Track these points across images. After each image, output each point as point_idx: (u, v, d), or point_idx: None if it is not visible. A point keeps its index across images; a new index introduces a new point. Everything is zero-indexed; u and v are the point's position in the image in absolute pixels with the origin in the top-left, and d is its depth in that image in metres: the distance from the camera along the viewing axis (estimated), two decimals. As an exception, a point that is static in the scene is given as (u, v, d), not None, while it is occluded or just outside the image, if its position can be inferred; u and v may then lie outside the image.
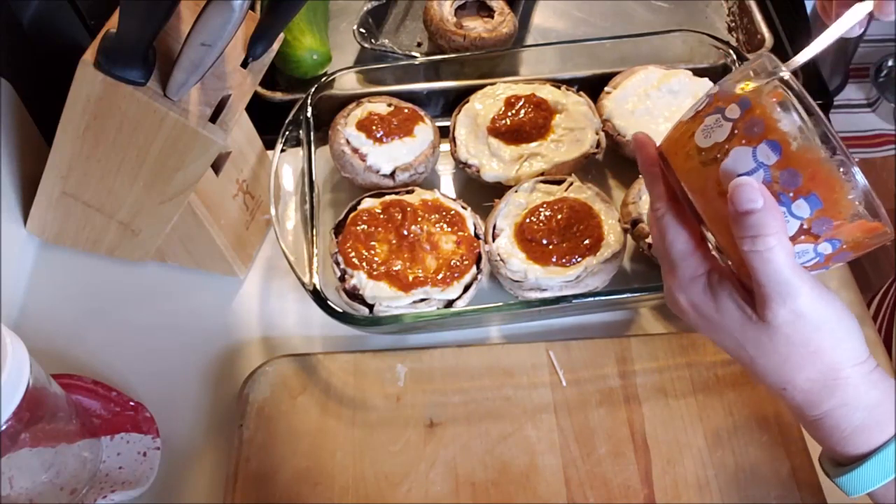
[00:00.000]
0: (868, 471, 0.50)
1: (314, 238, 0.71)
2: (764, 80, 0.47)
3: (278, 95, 0.87)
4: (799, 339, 0.48)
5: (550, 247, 0.70)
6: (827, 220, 0.46)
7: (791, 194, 0.45)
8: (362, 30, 0.93)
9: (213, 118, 0.61)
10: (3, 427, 0.51)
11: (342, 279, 0.70)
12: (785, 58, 0.53)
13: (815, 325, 0.48)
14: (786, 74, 0.47)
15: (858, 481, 0.50)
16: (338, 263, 0.71)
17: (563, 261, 0.70)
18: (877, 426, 0.50)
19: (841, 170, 0.45)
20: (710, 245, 0.52)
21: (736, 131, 0.46)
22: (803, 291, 0.46)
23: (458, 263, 0.70)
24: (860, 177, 0.44)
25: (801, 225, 0.46)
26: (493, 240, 0.72)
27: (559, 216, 0.72)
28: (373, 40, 0.94)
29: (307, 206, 0.73)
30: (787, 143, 0.45)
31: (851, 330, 0.49)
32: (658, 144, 0.52)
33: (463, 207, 0.74)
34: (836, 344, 0.49)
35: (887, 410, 0.50)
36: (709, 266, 0.51)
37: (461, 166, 0.79)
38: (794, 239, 0.46)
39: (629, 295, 0.69)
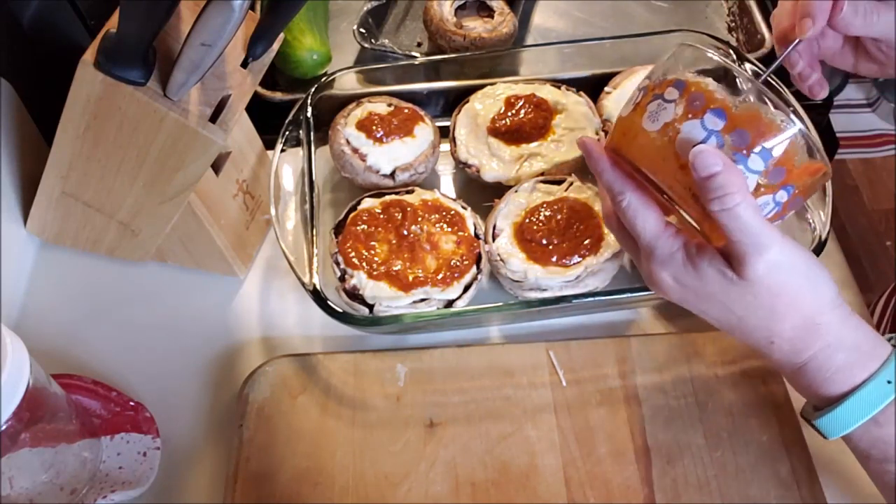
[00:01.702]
0: (848, 409, 0.52)
1: (314, 238, 0.71)
2: (690, 61, 0.52)
3: (278, 95, 0.87)
4: (780, 288, 0.50)
5: (550, 247, 0.70)
6: (780, 169, 0.49)
7: (744, 152, 0.49)
8: (362, 30, 0.93)
9: (213, 118, 0.61)
10: (3, 427, 0.51)
11: (342, 279, 0.70)
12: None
13: (792, 271, 0.50)
14: (711, 52, 0.52)
15: (838, 421, 0.52)
16: (338, 263, 0.71)
17: (564, 261, 0.70)
18: (857, 365, 0.52)
19: (780, 119, 0.49)
20: (683, 219, 0.54)
21: (680, 109, 0.50)
22: (775, 241, 0.49)
23: (458, 263, 0.70)
24: (797, 121, 0.49)
25: (759, 178, 0.50)
26: (493, 240, 0.72)
27: (559, 216, 0.72)
28: (373, 40, 0.94)
29: (307, 206, 0.73)
30: (728, 108, 0.49)
31: (824, 275, 0.52)
32: (605, 145, 0.55)
33: (463, 207, 0.74)
34: (813, 287, 0.52)
35: (867, 351, 0.52)
36: (683, 240, 0.53)
37: (461, 166, 0.79)
38: (755, 193, 0.50)
39: (629, 295, 0.69)
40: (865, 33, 0.61)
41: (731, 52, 0.81)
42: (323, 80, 0.81)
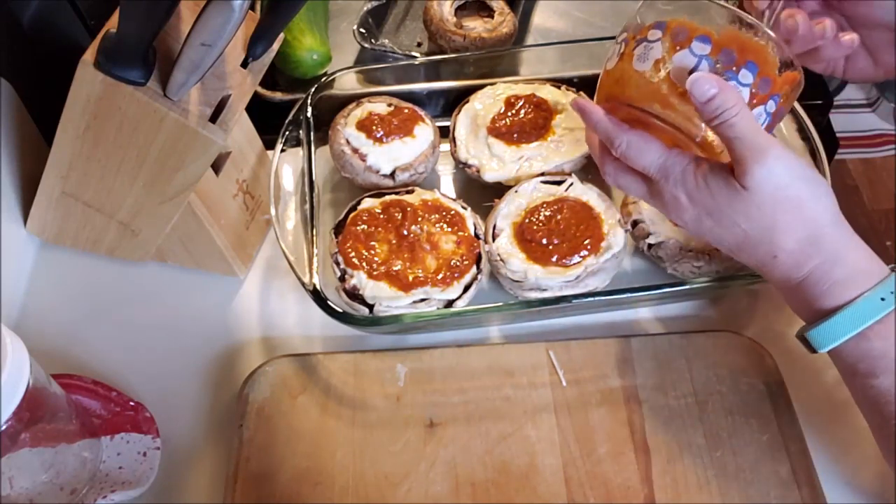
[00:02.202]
0: (840, 321, 0.54)
1: (314, 238, 0.71)
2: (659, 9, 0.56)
3: (278, 95, 0.87)
4: (781, 195, 0.53)
5: (550, 247, 0.70)
6: (766, 80, 0.54)
7: (734, 68, 0.53)
8: (362, 30, 0.93)
9: (213, 118, 0.61)
10: (3, 427, 0.51)
11: (342, 279, 0.70)
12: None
13: (792, 175, 0.53)
14: None
15: (830, 331, 0.54)
16: (338, 263, 0.71)
17: (564, 261, 0.70)
18: (853, 282, 0.54)
19: (756, 35, 0.54)
20: (687, 146, 0.57)
21: (667, 44, 0.54)
22: (772, 147, 0.53)
23: (458, 263, 0.70)
24: (771, 33, 0.54)
25: (751, 90, 0.54)
26: (493, 240, 0.72)
27: (559, 216, 0.72)
28: (373, 40, 0.94)
29: (307, 206, 0.73)
30: (710, 34, 0.54)
31: (824, 185, 0.55)
32: (595, 100, 0.59)
33: (463, 207, 0.74)
34: (813, 195, 0.54)
35: (864, 270, 0.54)
36: (691, 156, 0.56)
37: (461, 166, 0.79)
38: (748, 105, 0.53)
39: (629, 295, 0.69)
40: None
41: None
42: (323, 80, 0.81)
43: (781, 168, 0.52)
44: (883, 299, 0.53)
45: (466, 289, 0.70)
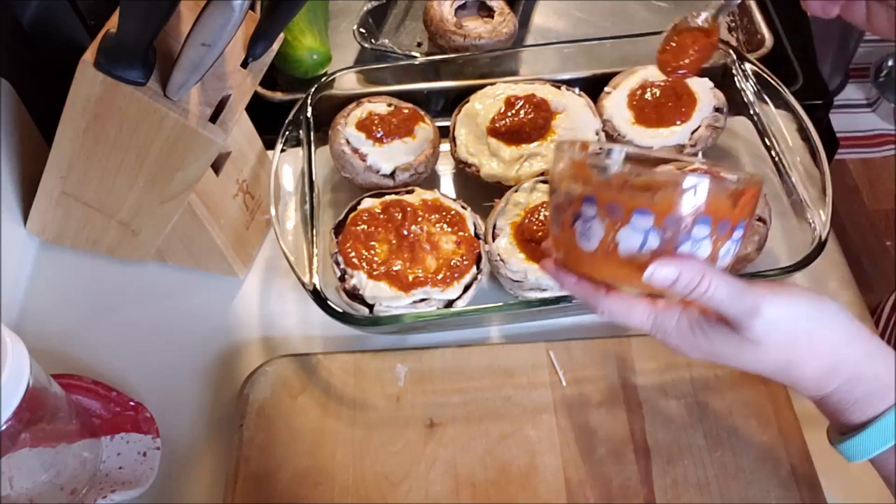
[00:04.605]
0: (868, 437, 0.52)
1: (314, 238, 0.71)
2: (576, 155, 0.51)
3: (278, 95, 0.87)
4: (790, 338, 0.50)
5: (550, 247, 0.70)
6: (723, 222, 0.49)
7: (684, 230, 0.48)
8: (362, 30, 0.93)
9: (213, 118, 0.61)
10: (3, 427, 0.51)
11: (342, 279, 0.70)
12: (787, 59, 0.53)
13: (795, 320, 0.50)
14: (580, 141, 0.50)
15: (858, 448, 0.52)
16: (338, 263, 0.71)
17: (563, 261, 0.70)
18: (877, 396, 0.51)
19: (686, 182, 0.48)
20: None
21: (606, 221, 0.49)
22: (764, 299, 0.49)
23: (458, 263, 0.70)
24: (695, 176, 0.48)
25: (711, 240, 0.49)
26: (493, 240, 0.72)
27: (559, 216, 0.72)
28: (373, 40, 0.94)
29: (307, 206, 0.73)
30: (646, 205, 0.48)
31: (832, 308, 0.51)
32: (557, 262, 0.53)
33: (463, 207, 0.74)
34: (823, 323, 0.51)
35: (886, 383, 0.51)
36: (680, 309, 0.52)
37: (461, 166, 0.79)
38: (715, 251, 0.49)
39: (629, 295, 0.69)
40: None
41: (732, 51, 0.81)
42: (323, 80, 0.81)
43: (781, 314, 0.49)
44: None
45: (466, 289, 0.70)
